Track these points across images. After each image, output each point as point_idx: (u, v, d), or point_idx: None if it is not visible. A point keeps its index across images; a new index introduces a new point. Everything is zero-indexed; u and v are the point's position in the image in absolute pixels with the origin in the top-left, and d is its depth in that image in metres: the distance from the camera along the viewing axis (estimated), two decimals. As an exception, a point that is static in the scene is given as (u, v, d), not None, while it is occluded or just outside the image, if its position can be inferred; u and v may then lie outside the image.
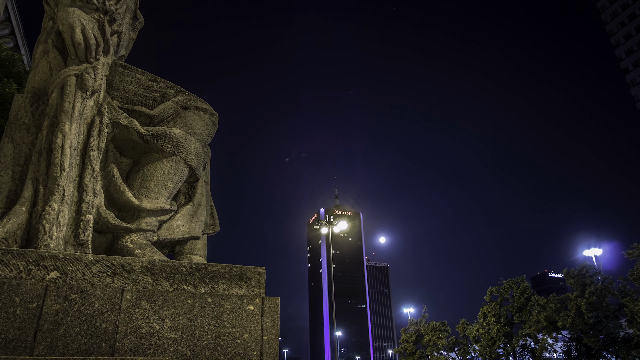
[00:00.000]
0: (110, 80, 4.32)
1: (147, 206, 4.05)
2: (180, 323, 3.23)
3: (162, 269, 3.45)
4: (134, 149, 4.32)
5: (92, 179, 3.84)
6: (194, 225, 4.65)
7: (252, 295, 3.55)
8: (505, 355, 43.42)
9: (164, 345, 3.12)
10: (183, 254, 4.77)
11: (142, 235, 4.06)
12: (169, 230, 4.40)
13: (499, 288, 45.35)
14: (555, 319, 37.44)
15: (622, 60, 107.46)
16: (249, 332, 3.37)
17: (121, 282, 3.30)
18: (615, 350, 35.73)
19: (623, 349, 34.68)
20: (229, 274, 3.62)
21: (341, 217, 73.27)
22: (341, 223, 43.74)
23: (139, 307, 3.18)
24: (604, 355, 36.02)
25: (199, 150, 4.44)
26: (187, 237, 4.57)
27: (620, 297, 34.99)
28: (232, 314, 3.39)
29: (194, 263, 3.58)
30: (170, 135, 4.19)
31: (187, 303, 3.30)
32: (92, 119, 4.02)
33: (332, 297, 41.77)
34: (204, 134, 4.55)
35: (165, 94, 4.50)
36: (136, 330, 3.11)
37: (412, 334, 57.01)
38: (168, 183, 4.21)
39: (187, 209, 4.65)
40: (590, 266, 39.16)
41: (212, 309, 3.35)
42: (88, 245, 3.70)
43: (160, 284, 3.40)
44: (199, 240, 4.91)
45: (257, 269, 3.74)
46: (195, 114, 4.52)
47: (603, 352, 35.92)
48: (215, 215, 5.33)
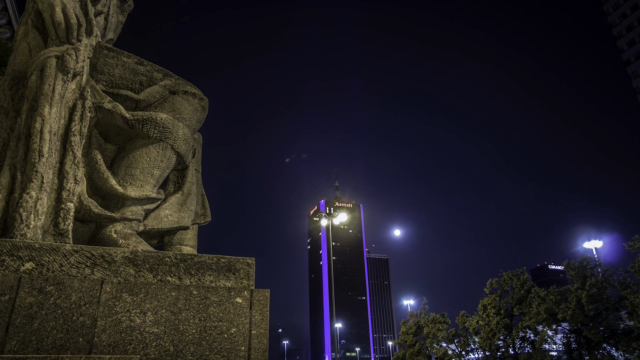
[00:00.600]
0: (94, 63, 4.13)
1: (132, 194, 3.87)
2: (163, 317, 3.06)
3: (145, 259, 3.27)
4: (119, 135, 4.13)
5: (73, 166, 3.66)
6: (183, 214, 4.47)
7: (240, 288, 3.37)
8: (505, 347, 43.42)
9: (146, 340, 2.95)
10: (172, 244, 4.59)
11: (126, 225, 3.88)
12: (156, 219, 4.22)
13: (499, 280, 45.29)
14: (555, 311, 37.37)
15: (624, 52, 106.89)
16: (236, 326, 3.20)
17: (101, 274, 3.13)
18: (616, 343, 35.68)
19: (623, 341, 34.63)
20: (216, 265, 3.45)
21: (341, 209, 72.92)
22: (341, 215, 43.66)
23: (120, 299, 3.01)
24: (604, 347, 35.98)
25: (187, 136, 4.26)
26: (175, 227, 4.39)
27: (621, 289, 34.91)
28: (218, 307, 3.21)
29: (179, 254, 3.41)
30: (156, 120, 4.00)
31: (171, 295, 3.13)
32: (74, 103, 3.83)
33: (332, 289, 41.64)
34: (193, 119, 4.37)
35: (152, 77, 4.31)
36: (116, 325, 2.94)
37: (412, 325, 57.03)
38: (154, 170, 4.03)
39: (176, 197, 4.47)
40: (591, 258, 39.06)
41: (197, 301, 3.18)
42: (68, 235, 3.53)
43: (143, 275, 3.22)
44: (189, 231, 4.74)
45: (246, 259, 3.57)
46: (183, 99, 4.33)
47: (603, 344, 35.88)
48: (206, 205, 5.16)
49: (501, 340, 43.53)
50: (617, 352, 36.54)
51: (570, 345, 39.35)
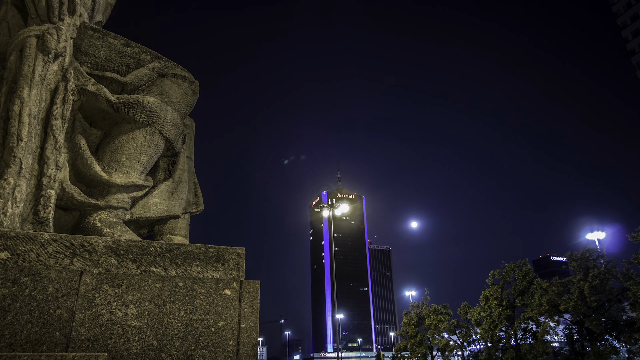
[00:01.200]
0: (78, 44, 3.93)
1: (117, 181, 3.70)
2: (146, 309, 2.89)
3: (128, 249, 3.10)
4: (105, 120, 3.95)
5: (54, 151, 3.48)
6: (174, 203, 4.30)
7: (229, 279, 3.20)
8: (506, 338, 43.42)
9: (128, 334, 2.79)
10: (163, 234, 4.43)
11: (112, 213, 3.71)
12: (145, 208, 4.05)
13: (501, 271, 45.23)
14: (557, 302, 37.29)
15: (628, 42, 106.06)
16: (224, 319, 3.03)
17: (81, 264, 2.95)
18: (618, 334, 35.62)
19: (625, 333, 34.55)
20: (204, 255, 3.27)
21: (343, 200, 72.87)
22: (342, 206, 43.59)
23: (100, 291, 2.84)
24: (606, 339, 35.90)
25: (176, 121, 4.07)
26: (165, 216, 4.22)
27: (624, 280, 34.78)
28: (205, 299, 3.04)
29: (165, 243, 3.23)
30: (143, 103, 3.81)
31: (155, 287, 2.96)
32: (55, 85, 3.64)
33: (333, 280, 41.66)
34: (183, 103, 4.18)
35: (140, 59, 4.12)
36: (96, 318, 2.77)
37: (414, 317, 57.12)
38: (141, 156, 3.85)
39: (166, 185, 4.30)
40: (594, 249, 38.93)
41: (183, 293, 3.01)
42: (49, 223, 3.35)
43: (125, 265, 3.05)
44: (181, 220, 4.57)
45: (236, 249, 3.39)
46: (173, 82, 4.14)
47: (605, 335, 35.80)
48: (199, 193, 4.99)
49: (503, 331, 43.53)
50: (619, 343, 36.49)
51: (572, 337, 39.30)
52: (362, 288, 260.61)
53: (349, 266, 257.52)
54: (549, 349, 39.22)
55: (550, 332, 39.12)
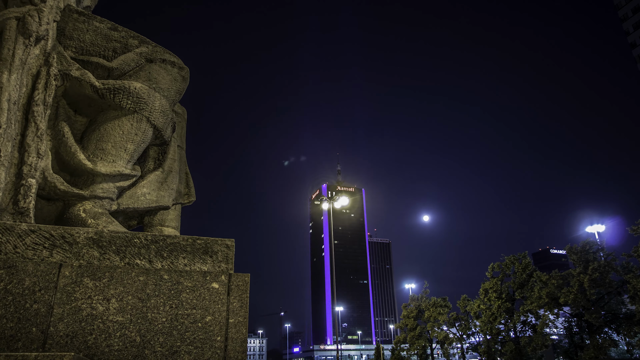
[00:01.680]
0: (62, 28, 3.77)
1: (102, 170, 3.55)
2: (129, 304, 2.75)
3: (111, 240, 2.96)
4: (91, 106, 3.79)
5: (36, 138, 3.33)
6: (163, 193, 4.16)
7: (217, 272, 3.06)
8: (506, 330, 43.43)
9: (109, 329, 2.65)
10: (153, 225, 4.29)
11: (97, 204, 3.56)
12: (132, 198, 3.91)
13: (501, 264, 45.21)
14: (557, 295, 37.25)
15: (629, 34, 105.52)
16: (211, 314, 2.90)
17: (61, 256, 2.82)
18: (617, 327, 35.60)
19: (625, 326, 34.53)
20: (191, 247, 3.13)
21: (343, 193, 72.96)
22: (342, 199, 43.43)
23: (80, 285, 2.70)
24: (605, 332, 35.90)
25: (165, 108, 3.92)
26: (154, 207, 4.08)
27: (624, 273, 34.72)
28: (192, 293, 2.91)
29: (150, 234, 3.09)
30: (130, 89, 3.65)
31: (138, 280, 2.82)
32: (37, 70, 3.48)
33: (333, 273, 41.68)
34: (172, 89, 4.03)
35: (127, 44, 3.96)
36: (75, 313, 2.63)
37: (413, 309, 57.15)
38: (128, 144, 3.69)
39: (156, 175, 4.15)
40: (594, 242, 38.85)
41: (168, 287, 2.87)
42: (29, 213, 3.21)
43: (108, 258, 2.92)
44: (171, 211, 4.43)
45: (225, 241, 3.25)
46: (161, 68, 3.98)
47: (604, 328, 35.79)
48: (191, 184, 4.85)
49: (502, 324, 43.54)
50: (619, 336, 36.49)
51: (572, 330, 39.30)
52: (362, 281, 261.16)
53: (348, 259, 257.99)
54: (548, 341, 39.21)
55: (549, 324, 39.10)
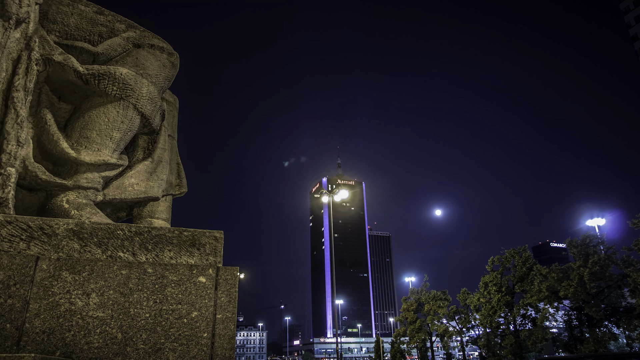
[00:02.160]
0: (45, 11, 3.61)
1: (86, 159, 3.40)
2: (110, 298, 2.61)
3: (92, 232, 2.82)
4: (76, 93, 3.64)
5: (15, 125, 3.18)
6: (152, 184, 4.01)
7: (204, 265, 2.92)
8: (505, 324, 43.42)
9: (88, 326, 2.51)
10: (142, 217, 4.15)
11: (81, 194, 3.42)
12: (119, 188, 3.76)
13: (501, 257, 45.15)
14: (557, 288, 37.18)
15: (631, 27, 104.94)
16: (198, 309, 2.76)
17: (38, 249, 2.67)
18: (617, 320, 35.55)
19: (625, 319, 34.48)
20: (177, 239, 2.99)
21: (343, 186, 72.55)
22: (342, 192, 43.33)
23: (58, 278, 2.56)
24: (605, 325, 35.86)
25: (153, 95, 3.76)
26: (143, 198, 3.93)
27: (624, 267, 34.63)
28: (178, 287, 2.77)
29: (135, 226, 2.95)
30: (115, 75, 3.50)
31: (121, 274, 2.68)
32: (18, 55, 3.32)
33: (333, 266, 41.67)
34: (160, 76, 3.87)
35: (113, 28, 3.80)
36: (52, 308, 2.49)
37: (413, 302, 57.17)
38: (114, 132, 3.54)
39: (145, 165, 4.01)
40: (594, 236, 38.74)
41: (152, 281, 2.73)
42: (8, 204, 3.06)
43: (89, 250, 2.77)
44: (162, 202, 4.29)
45: (214, 233, 3.11)
46: (149, 53, 3.83)
47: (604, 321, 35.74)
48: (182, 175, 4.71)
49: (502, 317, 43.53)
50: (619, 329, 36.45)
51: (571, 323, 39.27)
52: (362, 274, 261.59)
53: (348, 252, 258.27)
54: (548, 335, 39.19)
55: (549, 318, 39.09)
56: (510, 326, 43.20)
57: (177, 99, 4.86)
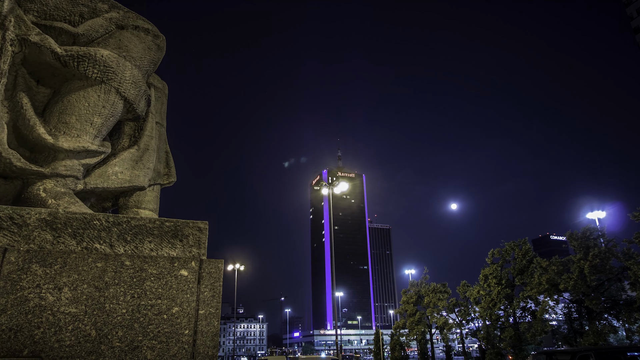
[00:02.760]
0: None
1: (64, 145, 3.22)
2: (84, 293, 2.44)
3: (67, 222, 2.64)
4: (55, 76, 3.45)
5: (-13, 109, 3.00)
6: (138, 172, 3.83)
7: (187, 258, 2.75)
8: (505, 316, 43.35)
9: (60, 322, 2.34)
10: (128, 207, 3.97)
11: (59, 182, 3.24)
12: (102, 177, 3.58)
13: (501, 250, 45.01)
14: (557, 281, 37.07)
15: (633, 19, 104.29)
16: (179, 304, 2.59)
17: (7, 240, 2.50)
18: (617, 313, 35.45)
19: (625, 312, 34.37)
20: (158, 229, 2.81)
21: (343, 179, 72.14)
22: (342, 184, 43.15)
23: (28, 272, 2.38)
24: (605, 318, 35.77)
25: (137, 78, 3.57)
26: (127, 187, 3.75)
27: (624, 259, 34.47)
28: (158, 281, 2.59)
29: (113, 215, 2.77)
30: (96, 57, 3.31)
31: (96, 267, 2.51)
32: (-9, 34, 3.14)
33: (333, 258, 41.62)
34: (145, 59, 3.68)
35: (95, 8, 3.61)
36: (21, 304, 2.32)
37: (413, 295, 57.11)
38: (94, 118, 3.36)
39: (130, 153, 3.82)
40: (594, 229, 38.58)
41: (130, 274, 2.55)
42: (-21, 192, 2.89)
43: (63, 241, 2.60)
44: (149, 192, 4.11)
45: (197, 223, 2.94)
46: (134, 35, 3.64)
47: (604, 314, 35.65)
48: (171, 164, 4.53)
49: (502, 310, 43.45)
50: (619, 322, 36.37)
51: (571, 315, 39.19)
52: (362, 266, 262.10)
53: (349, 245, 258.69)
54: (547, 327, 39.14)
55: (549, 311, 39.01)
56: (510, 319, 43.12)
57: (166, 85, 4.67)
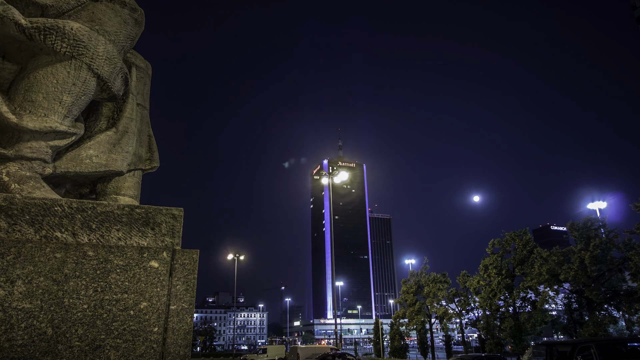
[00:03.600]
0: None
1: (29, 125, 2.96)
2: (40, 287, 2.19)
3: (24, 208, 2.39)
4: (22, 51, 3.18)
5: (-57, 85, 2.75)
6: (116, 156, 3.58)
7: (158, 247, 2.50)
8: (505, 306, 43.24)
9: (12, 319, 2.10)
10: (106, 194, 3.73)
11: (24, 165, 2.99)
12: (74, 161, 3.33)
13: (501, 240, 44.80)
14: (557, 271, 36.91)
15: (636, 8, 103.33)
16: (148, 299, 2.34)
17: None
18: (617, 303, 35.32)
19: (625, 302, 34.24)
20: (128, 216, 2.56)
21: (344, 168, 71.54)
22: (342, 174, 42.97)
23: (-24, 263, 2.14)
24: (605, 308, 35.65)
25: (111, 54, 3.30)
26: (103, 172, 3.50)
27: (625, 250, 34.26)
28: (124, 273, 2.35)
29: (77, 201, 2.52)
30: (65, 30, 3.04)
31: (54, 258, 2.26)
32: (-52, 4, 2.88)
33: (333, 248, 41.51)
34: (121, 34, 3.41)
35: None
36: (-33, 298, 2.08)
37: (413, 285, 57.02)
38: (64, 96, 3.09)
39: (107, 135, 3.57)
40: (595, 219, 38.36)
41: (93, 266, 2.31)
42: None
43: (19, 229, 2.35)
44: (129, 178, 3.87)
45: (172, 210, 2.69)
46: (108, 8, 3.37)
47: (604, 305, 35.53)
48: (154, 148, 4.28)
49: (502, 300, 43.33)
50: (619, 312, 36.25)
51: (571, 306, 39.08)
52: (362, 256, 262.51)
53: (349, 234, 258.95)
54: (547, 317, 39.04)
55: (549, 301, 38.87)
56: (509, 309, 43.02)
57: (150, 65, 4.41)
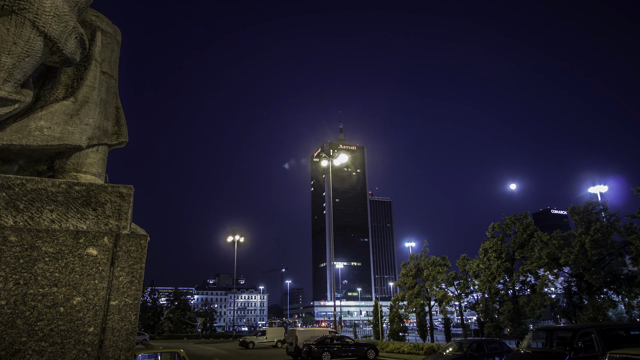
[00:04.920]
0: None
1: (-41, 89, 2.57)
2: None
3: None
4: None
5: None
6: (72, 129, 3.18)
7: (99, 232, 2.11)
8: (504, 290, 43.11)
9: None
10: (65, 171, 3.33)
11: (-45, 137, 2.60)
12: (20, 132, 2.93)
13: (501, 224, 44.53)
14: (557, 255, 36.66)
15: None
16: (83, 293, 1.96)
17: None
18: (617, 288, 35.15)
19: (625, 286, 34.06)
20: (64, 195, 2.18)
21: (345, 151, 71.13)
22: (341, 156, 42.57)
23: None
24: (605, 292, 35.48)
25: (61, 10, 2.89)
26: (56, 145, 3.10)
27: (626, 234, 33.98)
28: (54, 262, 1.96)
29: (2, 176, 2.13)
30: None
31: None
32: None
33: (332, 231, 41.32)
34: None
35: None
36: None
37: (412, 268, 56.92)
38: (2, 57, 2.69)
39: (63, 105, 3.17)
40: (596, 203, 38.00)
41: (15, 254, 1.92)
42: None
43: None
44: (91, 154, 3.47)
45: (119, 187, 2.30)
46: None
47: (604, 289, 35.35)
48: (122, 121, 3.88)
49: (501, 283, 43.20)
50: (618, 296, 36.09)
51: (571, 290, 38.92)
52: (363, 239, 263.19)
53: (349, 217, 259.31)
54: (546, 301, 38.89)
55: (548, 285, 38.70)
56: (509, 292, 42.91)
57: (119, 30, 3.99)
